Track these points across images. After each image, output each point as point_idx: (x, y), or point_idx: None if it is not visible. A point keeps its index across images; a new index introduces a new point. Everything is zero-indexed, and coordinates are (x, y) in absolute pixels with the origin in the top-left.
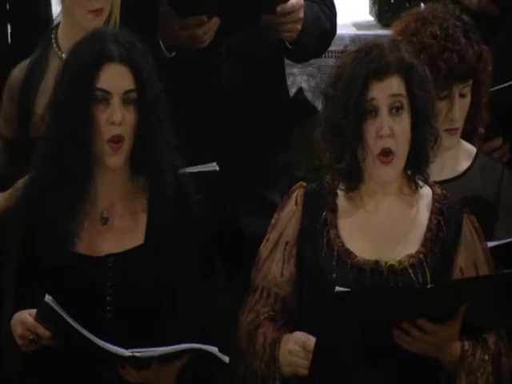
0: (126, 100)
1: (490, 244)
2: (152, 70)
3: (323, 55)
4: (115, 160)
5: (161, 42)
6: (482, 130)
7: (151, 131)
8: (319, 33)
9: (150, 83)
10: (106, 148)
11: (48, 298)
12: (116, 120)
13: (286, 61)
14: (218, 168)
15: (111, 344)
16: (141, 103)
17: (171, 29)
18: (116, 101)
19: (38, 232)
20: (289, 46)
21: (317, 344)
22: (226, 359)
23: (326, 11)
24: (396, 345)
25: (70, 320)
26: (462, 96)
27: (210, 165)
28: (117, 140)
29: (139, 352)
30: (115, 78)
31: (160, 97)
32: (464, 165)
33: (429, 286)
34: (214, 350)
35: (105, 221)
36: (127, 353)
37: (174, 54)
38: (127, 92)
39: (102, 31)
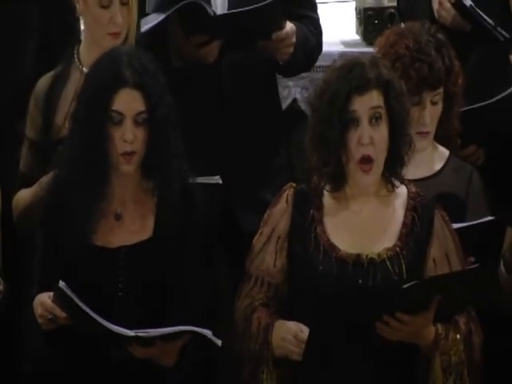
0: (137, 120)
1: (457, 226)
2: (162, 88)
3: (315, 70)
4: (128, 168)
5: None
6: (458, 140)
7: (160, 145)
8: (307, 50)
9: (159, 104)
10: (119, 159)
11: (61, 283)
12: (128, 139)
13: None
14: (221, 181)
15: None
16: (151, 122)
17: (179, 44)
18: (128, 122)
19: (61, 226)
20: (281, 63)
21: (310, 336)
22: (219, 342)
23: (313, 31)
24: (378, 334)
25: (80, 304)
26: (434, 104)
27: (214, 177)
28: (129, 154)
29: (142, 332)
30: (128, 102)
31: (169, 112)
32: (438, 165)
33: (405, 286)
34: (207, 333)
35: (118, 217)
36: (131, 333)
37: (181, 64)
38: (139, 114)
39: (117, 53)
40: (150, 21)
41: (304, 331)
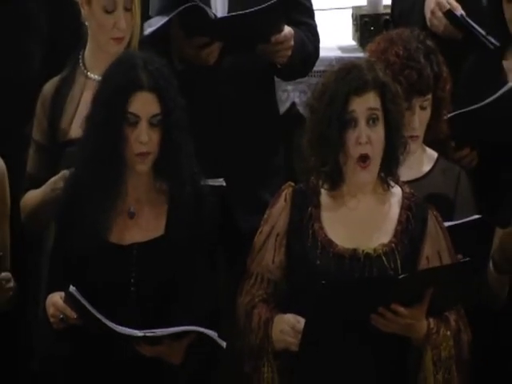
0: (152, 122)
1: (447, 224)
2: (175, 91)
3: (313, 75)
4: (142, 168)
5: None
6: (452, 143)
7: (173, 146)
8: (304, 55)
9: (173, 106)
10: (135, 158)
11: (72, 288)
12: (143, 140)
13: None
14: (225, 184)
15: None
16: (165, 124)
17: (180, 46)
18: (144, 124)
19: (76, 224)
20: (279, 66)
21: (305, 326)
22: (223, 344)
23: (310, 37)
24: (373, 326)
25: (90, 308)
26: (423, 109)
27: (218, 180)
28: (144, 154)
29: (149, 333)
30: (144, 104)
31: (182, 115)
32: (427, 167)
33: (400, 276)
34: (213, 334)
35: (131, 215)
36: (139, 333)
37: (182, 66)
38: (154, 116)
39: (133, 58)
40: (153, 23)
41: (301, 322)
